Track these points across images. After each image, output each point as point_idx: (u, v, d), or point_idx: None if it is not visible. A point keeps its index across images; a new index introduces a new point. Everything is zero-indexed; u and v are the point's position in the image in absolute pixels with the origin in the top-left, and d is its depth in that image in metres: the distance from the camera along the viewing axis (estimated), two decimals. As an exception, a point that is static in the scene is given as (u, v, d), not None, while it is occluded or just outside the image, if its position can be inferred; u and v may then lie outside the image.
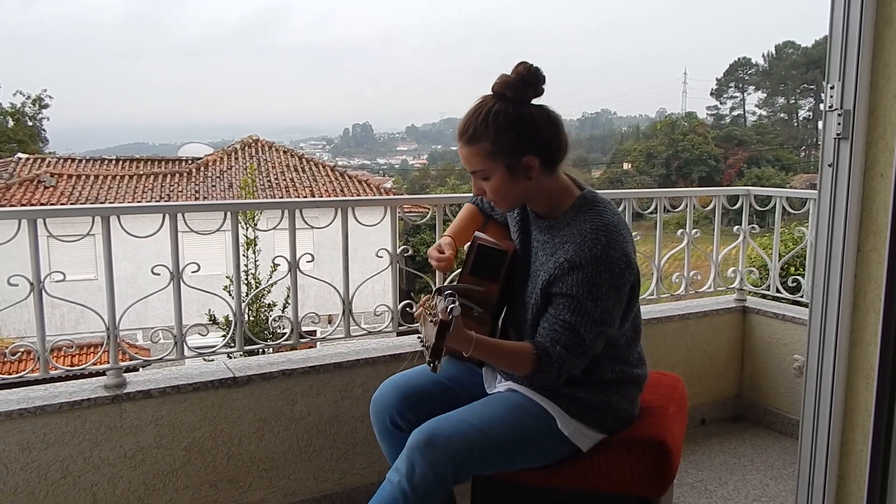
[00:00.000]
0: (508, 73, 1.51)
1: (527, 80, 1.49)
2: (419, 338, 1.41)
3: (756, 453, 2.65)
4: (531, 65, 1.50)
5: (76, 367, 1.98)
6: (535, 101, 1.52)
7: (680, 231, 2.84)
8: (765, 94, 51.50)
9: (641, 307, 1.71)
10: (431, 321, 1.33)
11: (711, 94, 53.35)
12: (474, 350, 1.43)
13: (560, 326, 1.48)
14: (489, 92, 1.52)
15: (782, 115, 50.29)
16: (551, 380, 1.52)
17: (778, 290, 2.91)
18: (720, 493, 2.33)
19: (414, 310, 1.53)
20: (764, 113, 51.13)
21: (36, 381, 1.93)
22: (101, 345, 1.97)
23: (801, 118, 50.19)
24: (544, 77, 1.51)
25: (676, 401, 1.87)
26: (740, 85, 52.81)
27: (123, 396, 1.90)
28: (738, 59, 53.71)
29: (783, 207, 2.87)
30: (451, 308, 1.29)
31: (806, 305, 2.76)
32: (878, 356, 1.23)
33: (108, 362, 1.95)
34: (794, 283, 2.85)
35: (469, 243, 1.73)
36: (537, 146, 1.50)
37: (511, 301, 1.69)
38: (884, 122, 1.26)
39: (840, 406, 1.31)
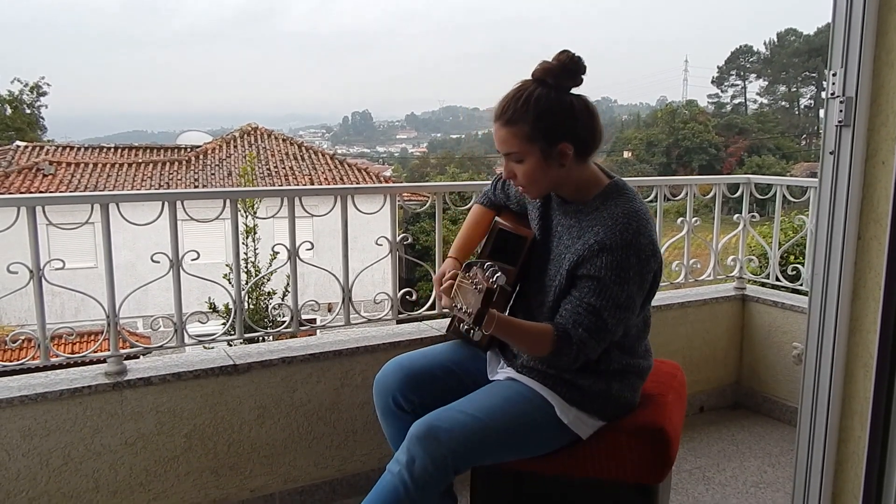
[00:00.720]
0: (549, 59, 1.51)
1: (568, 68, 1.50)
2: (455, 307, 1.40)
3: (754, 440, 2.66)
4: (573, 53, 1.51)
5: (77, 355, 1.99)
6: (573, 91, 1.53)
7: (680, 219, 2.84)
8: (766, 82, 51.29)
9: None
10: (476, 289, 1.33)
11: (712, 81, 53.13)
12: (495, 328, 1.42)
13: (584, 309, 1.48)
14: (528, 77, 1.52)
15: (783, 103, 50.11)
16: (569, 362, 1.52)
17: (777, 279, 2.92)
18: (718, 480, 2.35)
19: (441, 284, 1.50)
20: (765, 101, 50.96)
21: (37, 369, 1.93)
22: (102, 333, 1.98)
23: (802, 106, 50.02)
24: (585, 67, 1.51)
25: (675, 388, 1.87)
26: (741, 73, 52.57)
27: (124, 383, 1.90)
28: (740, 46, 53.52)
29: (783, 196, 2.87)
30: (497, 276, 1.30)
31: (805, 294, 2.77)
32: (877, 344, 1.23)
33: (109, 350, 1.96)
34: (794, 272, 2.85)
35: (490, 228, 1.74)
36: (573, 134, 1.51)
37: (525, 287, 1.70)
38: (886, 110, 1.25)
39: (839, 393, 1.31)
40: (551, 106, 1.49)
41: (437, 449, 1.44)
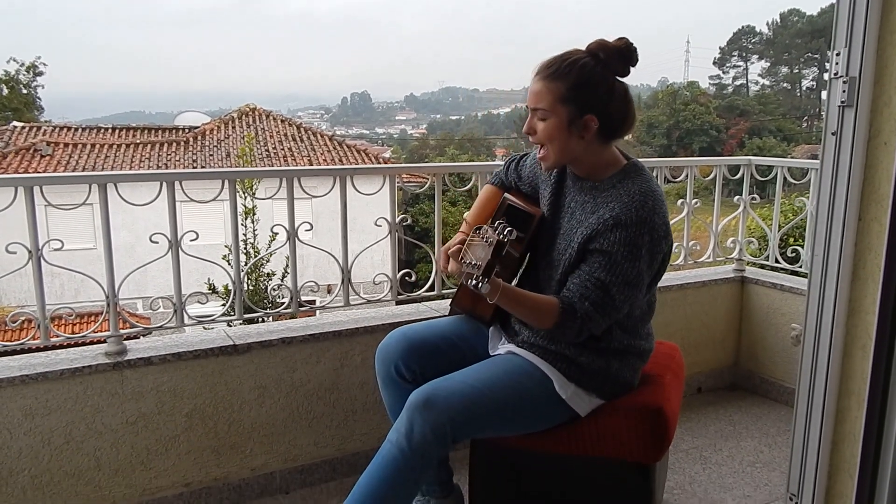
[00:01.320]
0: (609, 39, 1.54)
1: (623, 53, 1.53)
2: (463, 261, 1.41)
3: (751, 421, 2.68)
4: (631, 43, 1.54)
5: (76, 335, 1.99)
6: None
7: (680, 201, 2.83)
8: (768, 64, 50.96)
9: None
10: (486, 242, 1.34)
11: (714, 63, 52.81)
12: (500, 297, 1.44)
13: (592, 283, 1.50)
14: (581, 48, 1.55)
15: (785, 84, 49.83)
16: (572, 335, 1.54)
17: (777, 261, 2.92)
18: (715, 460, 2.37)
19: (450, 252, 1.51)
20: (767, 82, 50.69)
21: (37, 349, 1.94)
22: (101, 314, 1.98)
23: (804, 88, 49.74)
24: (637, 60, 1.54)
25: (674, 369, 1.88)
26: (744, 54, 52.22)
27: (124, 363, 1.91)
28: (742, 27, 53.06)
29: (784, 178, 2.86)
30: (507, 230, 1.31)
31: (804, 276, 2.77)
32: (875, 325, 1.24)
33: (109, 330, 1.96)
34: (794, 254, 2.85)
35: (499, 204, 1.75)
36: (604, 112, 1.53)
37: (533, 262, 1.71)
38: (889, 90, 1.24)
39: (836, 373, 1.32)
40: (594, 77, 1.51)
41: (436, 417, 1.45)
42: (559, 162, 1.61)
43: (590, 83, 1.51)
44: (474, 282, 1.34)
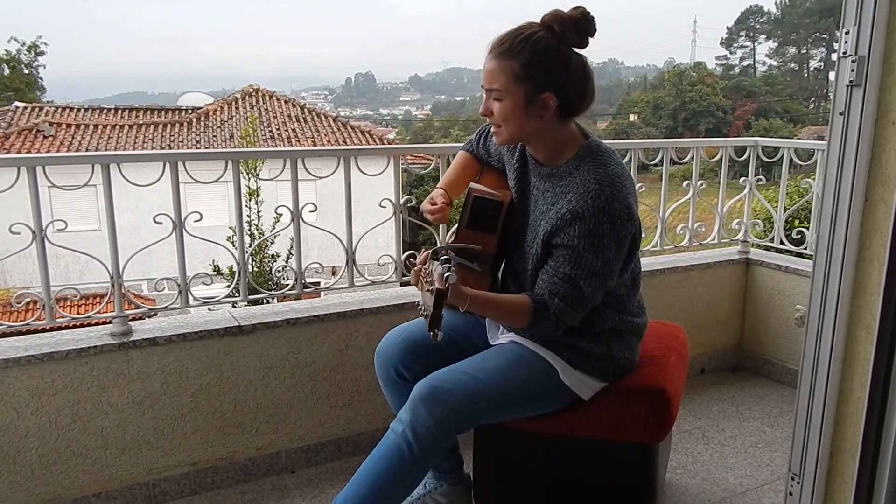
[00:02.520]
0: (563, 10, 1.47)
1: (579, 23, 1.46)
2: (418, 304, 1.40)
3: (754, 402, 2.69)
4: (588, 12, 1.47)
5: (81, 315, 2.00)
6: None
7: (686, 183, 2.82)
8: (776, 44, 50.35)
9: (644, 259, 1.71)
10: (429, 290, 1.31)
11: (721, 43, 52.18)
12: (469, 305, 1.42)
13: (559, 279, 1.47)
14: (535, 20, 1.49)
15: (793, 65, 49.28)
16: (549, 331, 1.53)
17: (782, 242, 2.91)
18: (717, 440, 2.38)
19: (411, 273, 1.52)
20: (774, 63, 50.11)
21: (43, 330, 1.95)
22: (106, 295, 1.98)
23: (811, 69, 49.21)
24: (595, 30, 1.47)
25: (677, 350, 1.89)
26: (751, 34, 51.58)
27: (130, 344, 1.92)
28: (750, 6, 52.28)
29: (790, 159, 2.84)
30: (447, 276, 1.27)
31: (809, 258, 2.76)
32: (880, 306, 1.23)
33: (114, 311, 1.97)
34: (799, 236, 2.84)
35: (465, 194, 1.70)
36: (562, 88, 1.47)
37: (510, 252, 1.68)
38: (898, 69, 1.22)
39: (840, 355, 1.31)
40: (549, 53, 1.45)
41: (440, 408, 1.45)
42: (512, 140, 1.57)
43: (545, 59, 1.44)
44: (428, 328, 1.31)
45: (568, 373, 1.59)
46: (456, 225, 1.72)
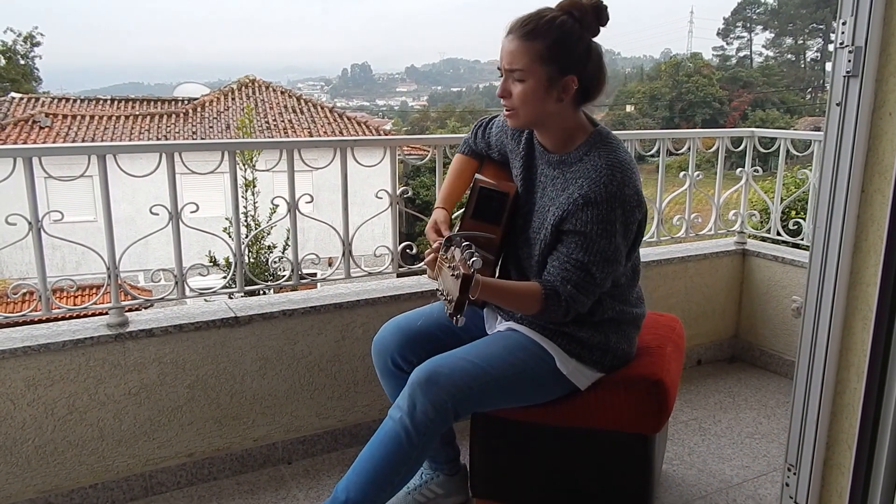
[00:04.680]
0: None
1: (597, 9, 1.47)
2: (438, 290, 1.40)
3: (750, 392, 2.70)
4: (601, 1, 1.48)
5: (78, 306, 2.00)
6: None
7: (682, 174, 2.82)
8: (773, 35, 50.22)
9: (641, 250, 1.71)
10: (453, 275, 1.31)
11: (718, 34, 52.03)
12: (481, 293, 1.42)
13: (572, 265, 1.48)
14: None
15: (789, 56, 49.18)
16: (559, 317, 1.53)
17: (778, 233, 2.91)
18: (714, 431, 2.39)
19: (424, 257, 1.51)
20: (771, 54, 50.00)
21: (39, 321, 1.95)
22: (103, 286, 1.98)
23: (808, 60, 49.12)
24: (608, 18, 1.49)
25: (674, 341, 1.89)
26: (748, 24, 51.44)
27: (126, 335, 1.92)
28: (747, -3, 52.17)
29: (787, 150, 2.84)
30: (473, 261, 1.28)
31: (806, 249, 2.77)
32: (876, 297, 1.23)
33: (110, 302, 1.96)
34: (795, 226, 2.84)
35: (470, 186, 1.70)
36: (583, 74, 1.48)
37: (513, 240, 1.68)
38: (895, 60, 1.22)
39: (836, 346, 1.32)
40: (573, 36, 1.46)
41: (438, 393, 1.46)
42: (527, 124, 1.56)
43: (570, 42, 1.45)
44: (450, 312, 1.32)
45: (564, 361, 1.60)
46: (461, 213, 1.72)
